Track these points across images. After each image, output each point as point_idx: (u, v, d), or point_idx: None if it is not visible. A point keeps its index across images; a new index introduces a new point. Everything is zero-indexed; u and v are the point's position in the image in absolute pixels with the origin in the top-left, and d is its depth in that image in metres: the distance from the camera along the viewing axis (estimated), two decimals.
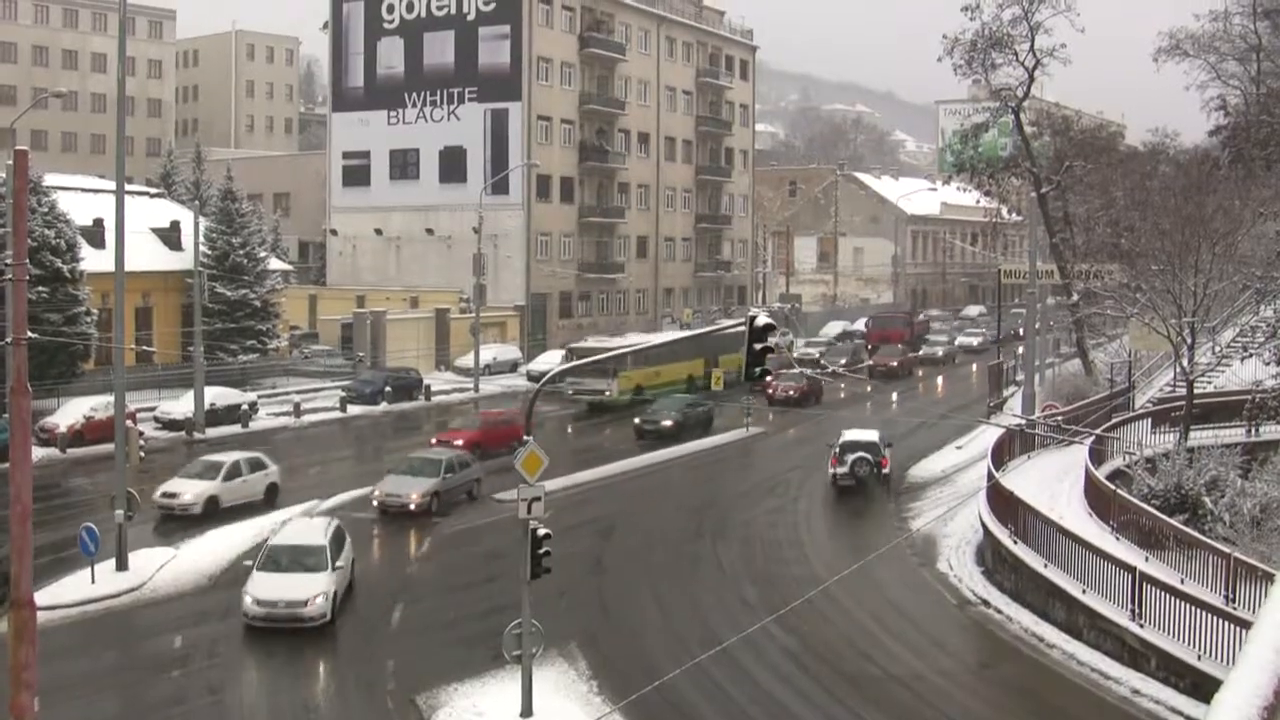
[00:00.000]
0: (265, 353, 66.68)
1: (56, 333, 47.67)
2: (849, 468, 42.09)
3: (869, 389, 69.87)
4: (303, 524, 31.61)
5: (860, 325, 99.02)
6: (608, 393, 61.22)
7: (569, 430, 58.94)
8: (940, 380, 77.57)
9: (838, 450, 42.72)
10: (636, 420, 54.44)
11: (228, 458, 40.33)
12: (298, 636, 27.48)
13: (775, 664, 26.42)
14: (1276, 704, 4.51)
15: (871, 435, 44.19)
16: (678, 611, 30.13)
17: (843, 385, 70.85)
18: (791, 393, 62.36)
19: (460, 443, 46.11)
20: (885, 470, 42.86)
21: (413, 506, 38.23)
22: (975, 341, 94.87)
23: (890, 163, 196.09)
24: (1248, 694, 4.54)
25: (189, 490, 38.15)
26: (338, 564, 28.72)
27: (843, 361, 79.31)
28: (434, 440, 48.12)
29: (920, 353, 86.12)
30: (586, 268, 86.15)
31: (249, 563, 28.48)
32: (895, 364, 77.01)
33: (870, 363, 78.25)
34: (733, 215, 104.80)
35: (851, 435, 44.01)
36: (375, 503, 38.88)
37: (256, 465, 40.50)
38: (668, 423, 53.62)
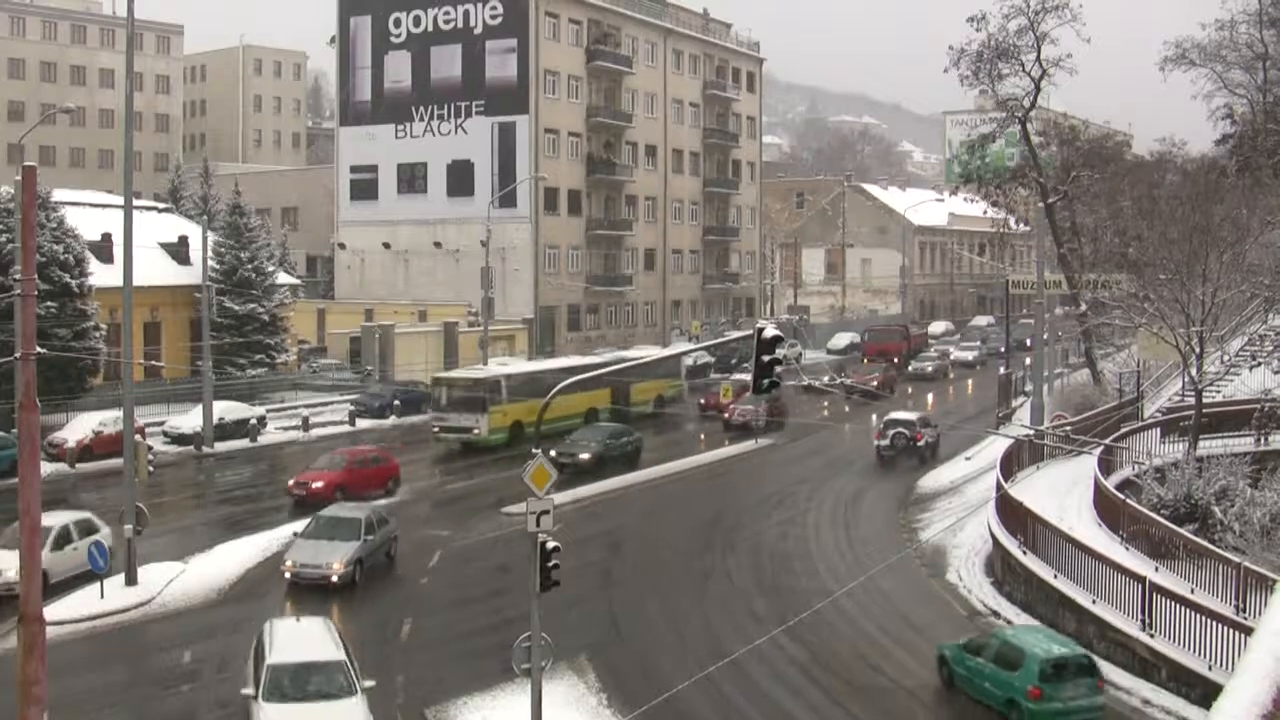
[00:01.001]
0: (274, 367, 66.78)
1: (65, 348, 47.74)
2: (889, 440, 51.27)
3: (846, 409, 66.13)
4: (292, 628, 24.58)
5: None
6: (476, 430, 52.99)
7: (436, 476, 50.45)
8: (930, 399, 73.10)
9: (881, 427, 52.27)
10: (552, 452, 45.36)
11: (54, 521, 32.28)
12: None
13: (784, 676, 26.38)
14: (1275, 712, 4.50)
15: (910, 416, 53.67)
16: (687, 623, 30.09)
17: (826, 404, 67.71)
18: (748, 418, 57.20)
19: (320, 485, 41.03)
20: (920, 443, 51.09)
21: (335, 579, 31.78)
22: (971, 355, 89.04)
23: (897, 174, 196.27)
24: (1247, 702, 4.53)
25: (9, 565, 28.70)
26: (365, 682, 22.66)
27: (825, 379, 73.61)
28: (291, 483, 42.35)
29: (909, 368, 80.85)
30: (594, 280, 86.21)
31: (247, 690, 22.58)
32: (876, 383, 70.57)
33: (849, 381, 70.58)
34: (740, 227, 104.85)
35: (894, 415, 53.60)
36: (287, 575, 32.21)
37: (87, 529, 33.33)
38: (586, 455, 48.09)
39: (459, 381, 54.90)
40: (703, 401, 63.48)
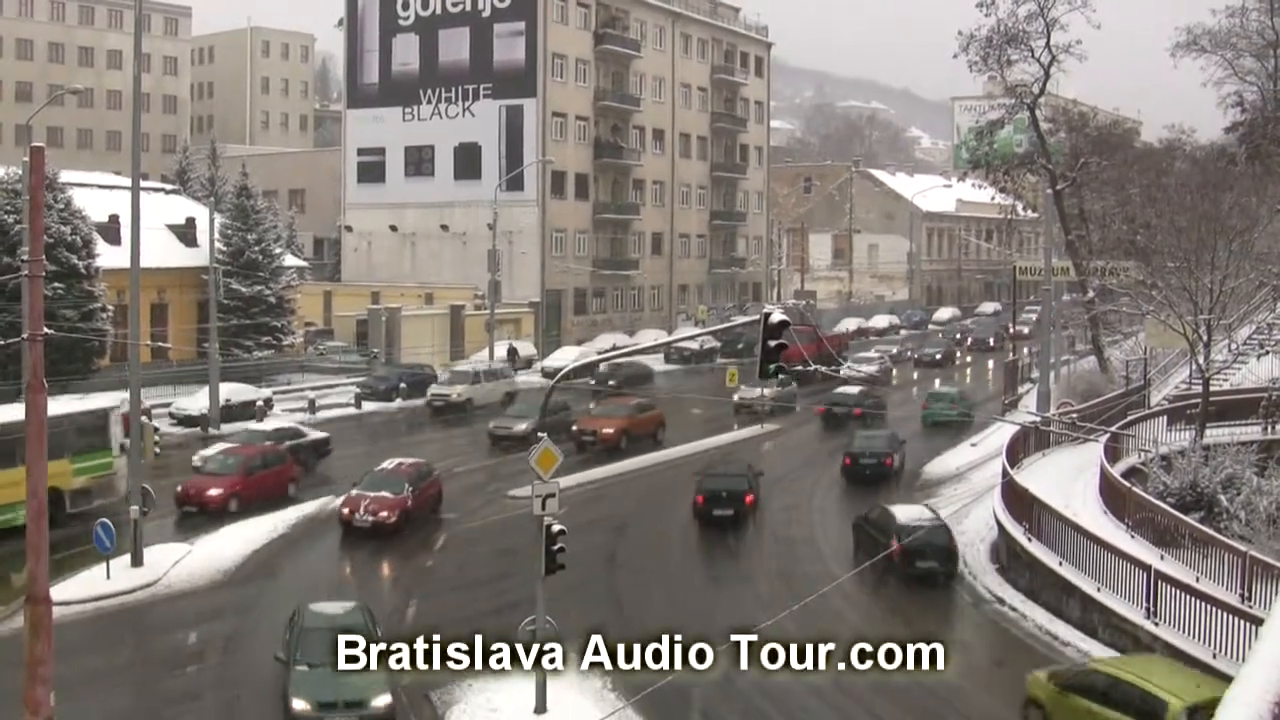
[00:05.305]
0: (280, 349, 66.81)
1: (72, 329, 47.78)
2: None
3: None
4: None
5: (868, 322, 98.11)
6: None
7: None
8: (768, 451, 51.37)
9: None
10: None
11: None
12: None
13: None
14: None
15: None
16: (691, 607, 30.10)
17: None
18: (381, 513, 35.24)
19: None
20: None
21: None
22: (870, 369, 67.57)
23: (905, 159, 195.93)
24: (1259, 690, 4.52)
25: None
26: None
27: (521, 426, 47.67)
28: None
29: (736, 398, 56.54)
30: (601, 264, 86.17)
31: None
32: (612, 431, 48.88)
33: (576, 428, 49.17)
34: (747, 212, 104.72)
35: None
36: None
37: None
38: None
39: None
40: (181, 489, 37.74)
